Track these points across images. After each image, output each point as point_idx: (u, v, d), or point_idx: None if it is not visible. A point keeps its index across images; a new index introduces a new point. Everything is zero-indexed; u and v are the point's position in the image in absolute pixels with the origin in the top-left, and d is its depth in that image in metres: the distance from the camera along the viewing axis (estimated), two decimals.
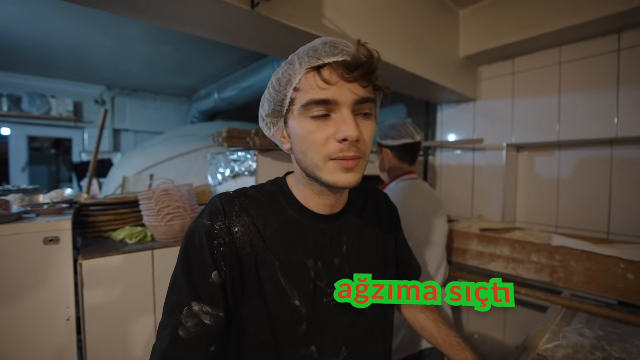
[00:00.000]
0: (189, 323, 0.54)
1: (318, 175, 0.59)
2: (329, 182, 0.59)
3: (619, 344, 1.00)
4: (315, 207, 0.67)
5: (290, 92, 0.58)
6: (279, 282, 0.62)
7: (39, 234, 1.17)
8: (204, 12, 1.05)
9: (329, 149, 0.57)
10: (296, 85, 0.57)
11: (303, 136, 0.58)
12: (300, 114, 0.58)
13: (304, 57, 0.57)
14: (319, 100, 0.55)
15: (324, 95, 0.55)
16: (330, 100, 0.55)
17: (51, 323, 1.19)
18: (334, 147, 0.56)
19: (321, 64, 0.55)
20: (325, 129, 0.57)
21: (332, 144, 0.56)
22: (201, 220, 0.61)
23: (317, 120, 0.57)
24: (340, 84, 0.55)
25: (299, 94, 0.58)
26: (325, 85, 0.55)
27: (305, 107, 0.56)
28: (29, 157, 3.88)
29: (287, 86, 0.58)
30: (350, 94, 0.56)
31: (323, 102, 0.55)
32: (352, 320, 0.69)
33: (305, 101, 0.56)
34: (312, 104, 0.56)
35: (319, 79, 0.55)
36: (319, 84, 0.55)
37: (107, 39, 2.70)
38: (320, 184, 0.62)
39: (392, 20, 1.50)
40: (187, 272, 0.58)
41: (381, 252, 0.78)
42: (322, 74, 0.55)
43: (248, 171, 1.56)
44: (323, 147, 0.57)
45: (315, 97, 0.55)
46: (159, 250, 1.39)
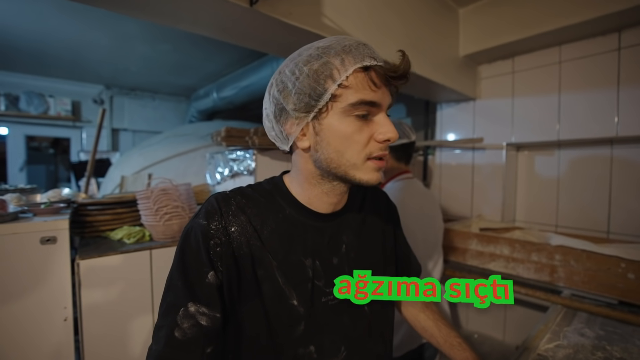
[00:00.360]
0: (185, 324, 0.53)
1: (351, 174, 0.60)
2: (362, 180, 0.60)
3: (620, 344, 0.99)
4: (320, 206, 0.67)
5: (333, 87, 0.55)
6: (276, 282, 0.61)
7: (36, 234, 1.16)
8: (202, 10, 1.05)
9: (370, 149, 0.59)
10: (343, 82, 0.55)
11: (345, 135, 0.57)
12: (344, 112, 0.57)
13: (344, 54, 0.56)
14: (369, 101, 0.56)
15: (374, 97, 0.57)
16: (377, 102, 0.57)
17: (48, 323, 1.18)
18: (375, 147, 0.59)
19: (369, 65, 0.56)
20: (367, 130, 0.58)
21: (373, 144, 0.59)
22: (197, 220, 0.60)
23: (360, 121, 0.58)
24: (382, 88, 0.58)
25: (346, 91, 0.56)
26: (375, 88, 0.57)
27: (353, 106, 0.56)
28: (27, 156, 3.87)
29: (328, 80, 0.55)
30: (388, 99, 0.59)
31: (371, 104, 0.57)
32: (352, 319, 0.69)
33: (355, 100, 0.56)
34: (362, 104, 0.56)
35: (369, 80, 0.56)
36: (370, 85, 0.56)
37: (106, 38, 2.69)
38: (341, 181, 0.63)
39: (391, 19, 1.49)
40: (183, 272, 0.57)
41: (380, 251, 0.77)
42: (371, 76, 0.56)
43: (247, 170, 1.55)
44: (365, 147, 0.59)
45: (366, 97, 0.56)
46: (157, 250, 1.38)
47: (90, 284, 1.24)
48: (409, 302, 0.92)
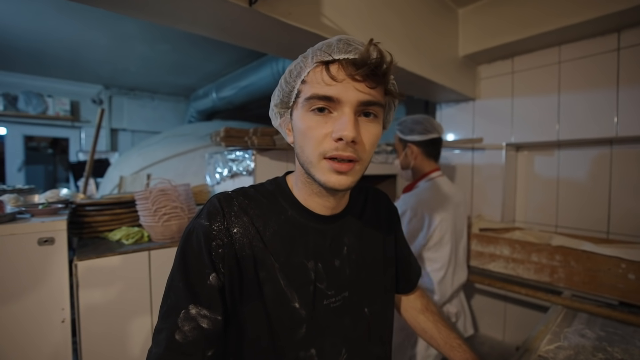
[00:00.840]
0: (186, 327, 0.53)
1: (312, 172, 0.58)
2: (320, 181, 0.58)
3: (621, 345, 0.99)
4: (316, 208, 0.66)
5: (299, 84, 0.58)
6: (278, 284, 0.61)
7: (33, 235, 1.15)
8: (200, 9, 1.04)
9: (324, 147, 0.56)
10: (304, 78, 0.58)
11: (303, 130, 0.57)
12: (303, 107, 0.57)
13: (317, 51, 0.57)
14: (322, 95, 0.54)
15: (328, 91, 0.54)
16: (333, 97, 0.54)
17: (46, 325, 1.17)
18: (330, 146, 0.55)
19: (330, 60, 0.55)
20: (325, 126, 0.55)
21: (329, 142, 0.55)
22: (199, 220, 0.59)
23: (318, 116, 0.56)
24: (346, 82, 0.54)
25: (305, 86, 0.57)
26: (331, 82, 0.54)
27: (307, 101, 0.56)
28: (25, 157, 3.85)
29: (297, 78, 0.59)
30: (354, 94, 0.54)
31: (325, 98, 0.55)
32: (352, 321, 0.68)
33: (309, 94, 0.56)
34: (314, 98, 0.55)
35: (326, 74, 0.55)
36: (325, 79, 0.55)
37: (104, 38, 2.68)
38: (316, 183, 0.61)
39: (391, 19, 1.49)
40: (184, 274, 0.56)
41: (381, 253, 0.77)
42: (330, 70, 0.55)
43: (246, 171, 1.54)
44: (320, 144, 0.56)
45: (319, 92, 0.55)
46: (156, 251, 1.37)
47: (88, 285, 1.23)
48: (408, 304, 0.91)
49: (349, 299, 0.68)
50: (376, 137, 0.59)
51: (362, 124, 0.57)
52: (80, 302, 1.21)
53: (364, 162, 0.59)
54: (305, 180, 0.63)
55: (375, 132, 0.58)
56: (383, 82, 0.57)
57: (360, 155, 0.57)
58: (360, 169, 0.59)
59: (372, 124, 0.58)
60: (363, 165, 0.59)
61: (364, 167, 0.59)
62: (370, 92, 0.55)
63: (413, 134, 1.44)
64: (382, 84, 0.57)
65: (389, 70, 0.56)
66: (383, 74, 0.55)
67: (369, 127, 0.57)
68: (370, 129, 0.57)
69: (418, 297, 0.92)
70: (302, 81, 0.58)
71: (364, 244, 0.73)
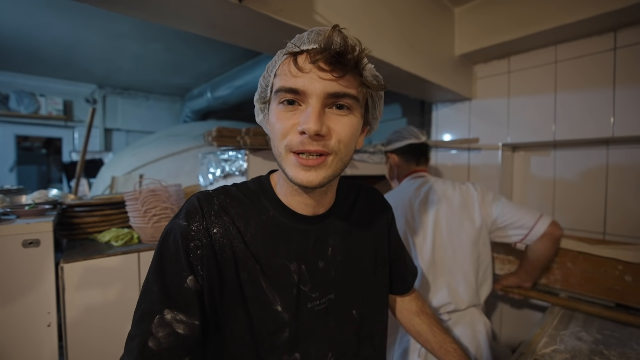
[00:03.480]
0: (160, 333, 0.50)
1: (283, 167, 0.57)
2: (289, 177, 0.55)
3: (618, 348, 0.97)
4: (297, 207, 0.64)
5: (272, 78, 0.58)
6: (260, 287, 0.58)
7: (17, 237, 1.12)
8: (190, 6, 1.01)
9: (290, 140, 0.54)
10: (276, 72, 0.57)
11: (272, 122, 0.57)
12: (274, 101, 0.57)
13: (289, 44, 0.55)
14: (287, 87, 0.53)
15: (293, 83, 0.52)
16: (298, 89, 0.52)
17: (32, 329, 1.14)
18: (295, 139, 0.53)
19: (298, 51, 0.53)
20: (291, 119, 0.54)
21: (294, 134, 0.53)
22: (177, 221, 0.57)
23: (286, 108, 0.54)
24: (312, 73, 0.52)
25: (276, 80, 0.57)
26: (297, 73, 0.52)
27: (276, 94, 0.55)
28: (18, 157, 3.80)
29: (271, 73, 0.59)
30: (320, 84, 0.51)
31: (292, 91, 0.53)
32: (339, 324, 0.66)
33: (277, 87, 0.55)
34: (282, 91, 0.54)
35: (293, 65, 0.53)
36: (292, 70, 0.53)
37: (97, 36, 2.64)
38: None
39: (386, 17, 1.47)
40: (160, 277, 0.54)
41: (372, 254, 0.74)
42: (297, 61, 0.53)
43: (239, 171, 1.52)
44: (285, 137, 0.54)
45: (285, 84, 0.53)
46: (146, 253, 1.35)
47: (74, 288, 1.20)
48: (403, 306, 0.89)
49: (334, 301, 0.66)
50: (352, 130, 0.56)
51: (333, 116, 0.54)
52: (67, 305, 1.18)
53: (339, 155, 0.55)
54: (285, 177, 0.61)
55: (350, 125, 0.55)
56: (354, 72, 0.54)
57: (332, 148, 0.54)
58: (334, 163, 0.55)
59: (346, 116, 0.55)
60: (338, 158, 0.56)
61: (339, 160, 0.56)
62: (339, 83, 0.52)
63: (391, 144, 1.52)
64: (353, 74, 0.54)
65: (360, 59, 0.53)
66: (350, 62, 0.51)
67: (340, 120, 0.54)
68: (342, 122, 0.54)
69: (413, 299, 0.90)
70: (275, 75, 0.57)
71: (352, 244, 0.70)
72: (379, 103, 0.64)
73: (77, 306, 1.20)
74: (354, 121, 0.56)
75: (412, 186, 1.41)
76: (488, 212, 1.34)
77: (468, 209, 1.34)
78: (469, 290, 1.23)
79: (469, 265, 1.27)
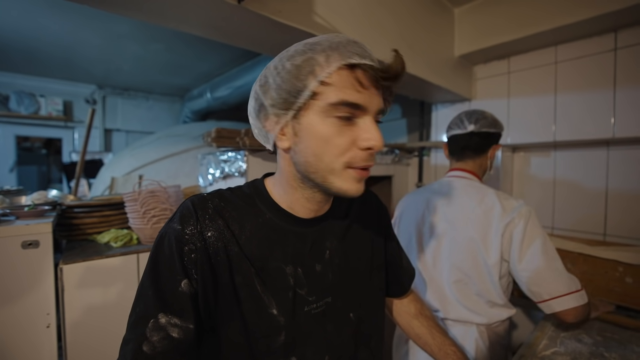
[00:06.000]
0: (155, 337, 0.50)
1: (330, 180, 0.55)
2: (340, 189, 0.56)
3: (618, 350, 0.97)
4: (300, 211, 0.63)
5: (314, 84, 0.52)
6: (255, 290, 0.58)
7: (17, 238, 1.12)
8: (189, 7, 1.01)
9: (351, 156, 0.54)
10: (324, 79, 0.51)
11: (324, 137, 0.53)
12: (324, 112, 0.53)
13: (330, 51, 0.52)
14: (352, 102, 0.52)
15: (358, 98, 0.52)
16: (361, 105, 0.52)
17: (31, 330, 1.14)
18: (358, 156, 0.54)
19: (355, 64, 0.51)
20: (349, 134, 0.53)
21: (355, 151, 0.54)
22: (171, 224, 0.57)
23: (343, 123, 0.53)
24: (372, 89, 0.53)
25: (328, 89, 0.52)
26: (360, 88, 0.52)
27: (334, 106, 0.52)
28: (17, 157, 3.80)
29: (310, 76, 0.52)
30: (377, 102, 0.54)
31: (354, 106, 0.52)
32: (336, 327, 0.66)
33: (337, 100, 0.51)
34: (343, 105, 0.52)
35: (354, 79, 0.52)
36: (355, 85, 0.52)
37: (97, 37, 2.64)
38: (320, 189, 0.59)
39: (385, 18, 1.46)
40: (154, 281, 0.53)
41: (368, 256, 0.74)
42: (357, 75, 0.52)
43: (238, 172, 1.52)
44: (345, 153, 0.54)
45: (350, 98, 0.51)
46: (145, 254, 1.35)
47: (74, 289, 1.20)
48: (402, 308, 0.89)
49: (332, 305, 0.65)
50: None
51: None
52: (66, 306, 1.18)
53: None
54: (298, 185, 0.60)
55: None
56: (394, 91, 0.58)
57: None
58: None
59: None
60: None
61: None
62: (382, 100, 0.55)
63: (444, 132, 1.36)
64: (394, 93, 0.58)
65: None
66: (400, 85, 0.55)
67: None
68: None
69: (412, 301, 0.89)
70: (322, 82, 0.52)
71: (349, 247, 0.70)
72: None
73: (77, 307, 1.20)
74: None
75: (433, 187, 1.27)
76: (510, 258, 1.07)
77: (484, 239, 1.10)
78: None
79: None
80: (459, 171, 1.25)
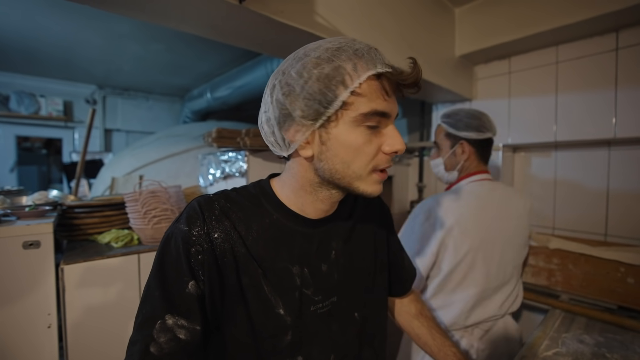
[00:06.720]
0: (162, 338, 0.50)
1: (355, 185, 0.57)
2: (365, 192, 0.58)
3: (620, 351, 0.97)
4: (311, 212, 0.64)
5: (345, 94, 0.51)
6: (262, 291, 0.58)
7: (18, 238, 1.12)
8: (190, 7, 1.01)
9: (377, 161, 0.57)
10: (356, 90, 0.51)
11: (355, 146, 0.54)
12: (355, 122, 0.53)
13: (356, 59, 0.52)
14: (381, 111, 0.53)
15: (386, 107, 0.54)
16: (387, 112, 0.55)
17: (32, 331, 1.14)
18: (383, 159, 0.57)
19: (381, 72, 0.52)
20: (376, 141, 0.56)
21: (381, 156, 0.57)
22: (178, 225, 0.57)
23: (370, 132, 0.55)
24: (393, 97, 0.56)
25: (359, 99, 0.52)
26: (387, 97, 0.54)
27: (365, 116, 0.53)
28: (18, 157, 3.80)
29: (340, 86, 0.51)
30: (396, 108, 0.57)
31: (382, 114, 0.54)
32: (341, 326, 0.66)
33: (368, 109, 0.52)
34: (374, 114, 0.53)
35: (381, 88, 0.53)
36: (383, 94, 0.54)
37: (97, 37, 2.64)
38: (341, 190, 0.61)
39: (386, 18, 1.46)
40: (161, 282, 0.54)
41: (372, 257, 0.74)
42: (384, 84, 0.53)
43: (239, 172, 1.52)
44: (373, 159, 0.56)
45: (379, 107, 0.53)
46: (146, 254, 1.34)
47: (75, 289, 1.20)
48: (402, 308, 0.89)
49: (337, 304, 0.66)
50: None
51: None
52: (67, 307, 1.18)
53: None
54: (313, 189, 0.61)
55: None
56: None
57: None
58: None
59: None
60: None
61: None
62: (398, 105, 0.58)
63: (469, 130, 1.22)
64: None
65: None
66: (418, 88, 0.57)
67: None
68: None
69: (412, 301, 0.89)
70: (353, 92, 0.51)
71: (353, 247, 0.70)
72: None
73: (78, 307, 1.20)
74: None
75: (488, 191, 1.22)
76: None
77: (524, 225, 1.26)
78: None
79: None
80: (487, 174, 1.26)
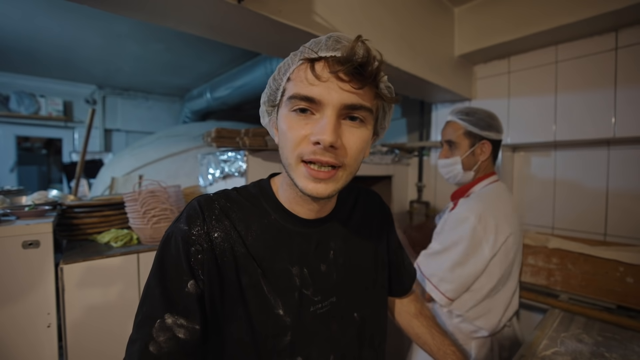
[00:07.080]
0: (161, 337, 0.50)
1: (292, 176, 0.56)
2: (298, 187, 0.55)
3: (619, 351, 0.97)
4: (300, 212, 0.63)
5: (284, 82, 0.57)
6: (261, 291, 0.58)
7: (17, 238, 1.12)
8: (188, 7, 1.01)
9: (302, 149, 0.53)
10: (289, 76, 0.56)
11: (283, 130, 0.55)
12: (286, 106, 0.55)
13: (305, 48, 0.54)
14: (303, 95, 0.52)
15: (310, 91, 0.51)
16: (314, 98, 0.51)
17: (31, 330, 1.14)
18: (308, 149, 0.52)
19: (316, 57, 0.52)
20: (305, 127, 0.53)
21: (307, 144, 0.52)
22: (178, 225, 0.57)
23: (299, 116, 0.53)
24: (330, 82, 0.51)
25: (289, 84, 0.56)
26: (315, 81, 0.51)
27: (290, 100, 0.54)
28: (18, 157, 3.80)
29: (283, 76, 0.57)
30: (338, 95, 0.51)
31: (307, 99, 0.52)
32: (340, 327, 0.66)
33: (291, 93, 0.53)
34: (296, 98, 0.53)
35: (310, 72, 0.52)
36: (309, 78, 0.52)
37: (97, 37, 2.64)
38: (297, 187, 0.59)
39: (385, 18, 1.46)
40: (161, 281, 0.54)
41: (372, 257, 0.74)
42: (315, 68, 0.51)
43: (238, 172, 1.52)
44: (297, 146, 0.53)
45: (301, 91, 0.52)
46: (145, 254, 1.34)
47: (74, 289, 1.20)
48: (402, 308, 0.89)
49: (337, 304, 0.65)
50: (363, 143, 0.55)
51: (346, 128, 0.53)
52: (67, 306, 1.18)
53: (348, 169, 0.56)
54: (290, 183, 0.60)
55: (362, 138, 0.55)
56: (371, 84, 0.53)
57: (342, 160, 0.54)
58: (344, 176, 0.56)
59: (358, 129, 0.54)
60: (348, 171, 0.56)
61: (349, 173, 0.56)
62: (357, 94, 0.52)
63: (491, 130, 1.22)
64: (370, 86, 0.53)
65: (379, 71, 0.53)
66: (371, 74, 0.51)
67: (353, 132, 0.54)
68: (355, 134, 0.54)
69: (412, 301, 0.89)
70: (288, 79, 0.56)
71: (352, 247, 0.70)
72: (389, 113, 0.65)
73: (77, 307, 1.20)
74: (366, 134, 0.56)
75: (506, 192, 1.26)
76: None
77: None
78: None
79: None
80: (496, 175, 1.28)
